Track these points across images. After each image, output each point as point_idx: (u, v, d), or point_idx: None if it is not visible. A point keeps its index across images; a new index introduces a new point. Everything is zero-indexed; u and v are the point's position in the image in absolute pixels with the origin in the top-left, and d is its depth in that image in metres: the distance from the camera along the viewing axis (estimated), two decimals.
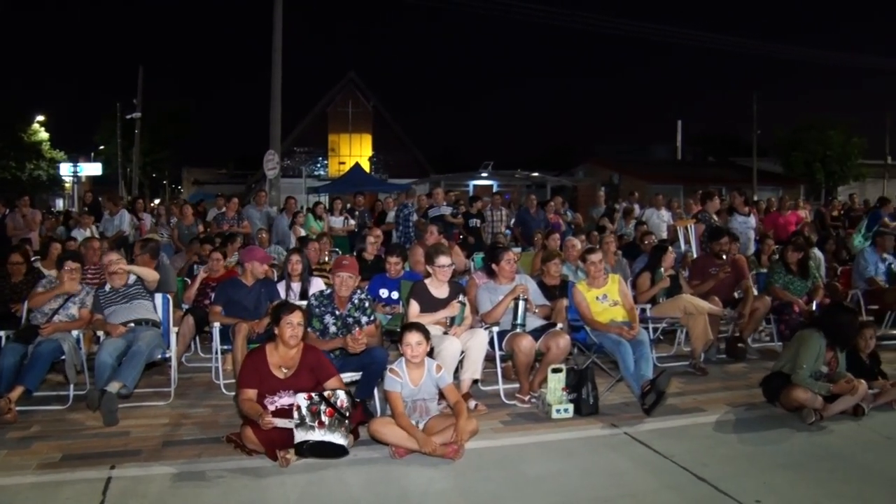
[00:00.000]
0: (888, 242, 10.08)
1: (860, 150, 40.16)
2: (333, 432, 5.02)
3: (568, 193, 25.76)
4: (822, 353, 6.15)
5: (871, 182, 41.85)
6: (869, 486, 4.81)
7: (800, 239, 9.39)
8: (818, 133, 39.46)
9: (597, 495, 4.62)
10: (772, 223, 14.53)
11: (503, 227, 14.57)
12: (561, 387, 6.25)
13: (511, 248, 8.60)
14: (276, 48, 18.62)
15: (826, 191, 39.07)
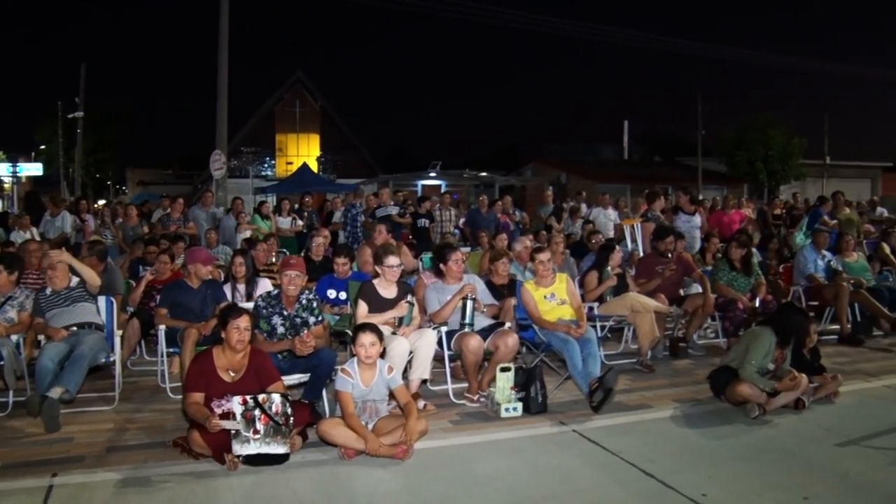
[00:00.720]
0: (825, 239, 10.30)
1: (801, 150, 41.12)
2: (269, 442, 4.96)
3: (516, 193, 25.86)
4: (772, 351, 6.27)
5: (811, 181, 42.84)
6: (810, 477, 4.91)
7: (743, 237, 9.54)
8: (761, 134, 40.29)
9: (546, 493, 4.65)
10: (716, 222, 14.75)
11: (452, 226, 14.58)
12: (509, 385, 6.27)
13: (460, 247, 8.60)
14: (222, 47, 18.42)
15: (768, 190, 39.83)
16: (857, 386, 7.23)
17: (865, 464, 5.20)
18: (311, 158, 38.45)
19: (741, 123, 42.25)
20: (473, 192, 22.90)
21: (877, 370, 7.89)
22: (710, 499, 4.51)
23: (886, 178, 48.84)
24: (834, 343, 9.15)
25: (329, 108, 41.62)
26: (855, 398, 6.82)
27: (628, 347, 8.63)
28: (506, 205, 15.13)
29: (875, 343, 9.31)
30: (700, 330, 8.94)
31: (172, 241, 10.21)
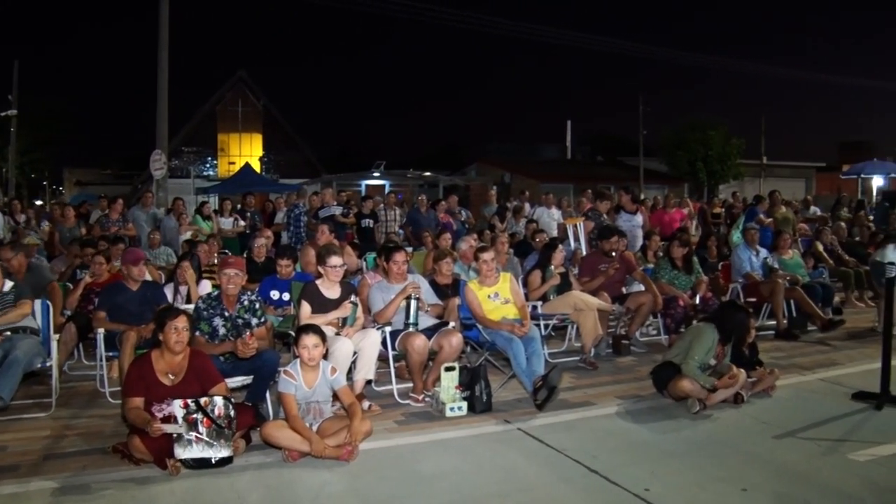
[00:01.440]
0: (754, 236, 10.51)
1: (739, 150, 41.96)
2: (212, 445, 4.90)
3: (460, 193, 25.90)
4: (714, 347, 6.39)
5: (749, 181, 43.77)
6: (748, 469, 5.01)
7: (685, 235, 9.69)
8: (700, 134, 41.00)
9: (491, 491, 4.66)
10: (657, 220, 14.99)
11: (396, 226, 14.57)
12: (454, 385, 6.29)
13: (404, 247, 8.59)
14: (162, 45, 18.12)
15: (708, 189, 40.55)
16: (793, 379, 7.41)
17: (801, 454, 5.34)
18: (253, 158, 38.04)
19: (681, 124, 42.97)
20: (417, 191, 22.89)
21: (811, 364, 8.09)
22: (653, 493, 4.57)
23: (820, 177, 50.14)
24: (771, 338, 9.36)
25: (272, 107, 41.25)
26: (791, 391, 6.98)
27: (572, 345, 8.70)
28: (451, 204, 15.17)
29: (809, 337, 9.54)
30: (642, 327, 9.05)
31: (112, 242, 10.02)
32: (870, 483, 4.80)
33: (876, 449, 5.39)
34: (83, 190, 42.90)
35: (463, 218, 15.25)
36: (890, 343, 6.62)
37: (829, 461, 5.21)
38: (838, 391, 6.97)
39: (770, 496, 4.58)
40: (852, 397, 6.69)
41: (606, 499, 4.56)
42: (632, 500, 4.52)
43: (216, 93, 40.73)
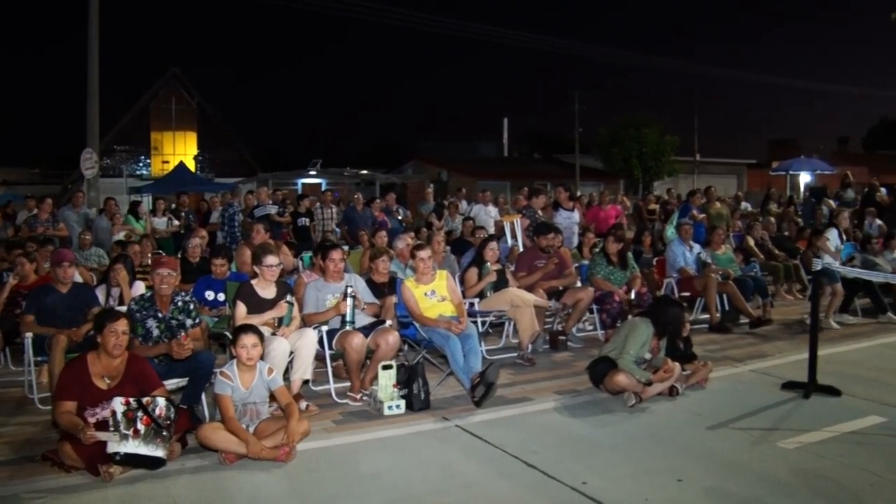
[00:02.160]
0: (687, 231, 10.70)
1: (673, 147, 42.72)
2: (148, 443, 4.79)
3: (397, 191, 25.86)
4: (649, 341, 6.49)
5: (683, 177, 44.53)
6: (683, 460, 5.11)
7: (620, 231, 9.80)
8: (635, 131, 41.59)
9: (431, 488, 4.66)
10: (593, 217, 15.15)
11: (333, 224, 14.51)
12: (392, 383, 6.27)
13: (341, 246, 8.54)
14: (92, 40, 17.72)
15: (643, 185, 41.15)
16: (725, 371, 7.55)
17: (734, 444, 5.45)
18: (187, 157, 37.45)
19: (616, 122, 43.55)
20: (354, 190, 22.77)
21: (743, 356, 8.26)
22: (591, 486, 4.62)
23: (751, 174, 51.29)
24: (704, 331, 9.53)
25: (206, 105, 40.69)
26: (724, 383, 7.12)
27: (509, 342, 8.74)
28: (388, 202, 15.15)
29: (741, 330, 9.75)
30: (579, 323, 9.13)
31: (41, 243, 9.77)
32: (798, 470, 4.93)
33: (804, 436, 5.55)
34: (10, 189, 41.74)
35: (400, 216, 15.23)
36: (817, 334, 6.81)
37: (759, 450, 5.33)
38: (769, 381, 7.14)
39: (703, 486, 4.66)
40: (782, 387, 6.87)
41: (545, 493, 4.59)
42: (570, 493, 4.56)
43: (149, 90, 40.01)
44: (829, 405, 6.38)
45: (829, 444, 5.43)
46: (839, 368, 7.50)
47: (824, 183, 22.82)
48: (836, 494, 4.55)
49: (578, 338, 9.03)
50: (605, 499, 4.45)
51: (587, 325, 9.65)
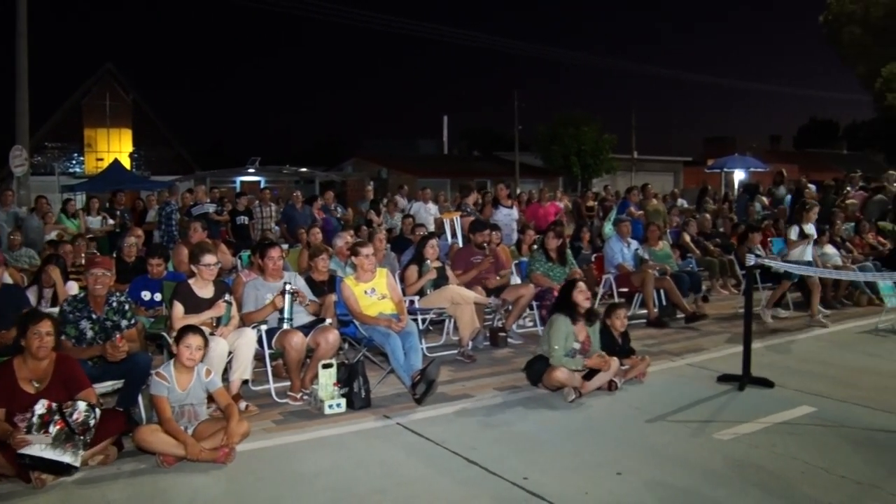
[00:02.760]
0: (626, 229, 10.84)
1: (611, 145, 43.24)
2: (56, 447, 4.60)
3: (337, 188, 25.73)
4: (571, 332, 6.54)
5: (621, 175, 45.12)
6: (622, 453, 5.18)
7: (559, 227, 9.88)
8: (574, 129, 41.97)
9: (372, 487, 4.65)
10: (533, 214, 15.26)
11: (272, 223, 14.39)
12: (332, 382, 6.24)
13: (280, 244, 8.46)
14: (20, 33, 17.23)
15: (582, 182, 41.57)
16: (663, 366, 7.68)
17: (671, 437, 5.55)
18: (123, 154, 36.63)
19: (555, 120, 43.85)
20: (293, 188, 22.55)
21: (680, 350, 8.41)
22: (531, 481, 4.66)
23: (687, 171, 52.18)
24: (642, 326, 9.67)
25: (142, 101, 39.91)
26: (662, 377, 7.24)
27: (450, 339, 8.74)
28: (327, 200, 15.06)
29: (678, 325, 9.93)
30: (519, 319, 9.18)
31: None
32: (733, 460, 5.04)
33: (738, 427, 5.68)
34: None
35: (339, 214, 15.15)
36: (751, 328, 6.96)
37: (696, 442, 5.44)
38: (705, 375, 7.27)
39: (642, 478, 4.73)
40: (718, 380, 7.01)
41: (486, 489, 4.61)
42: (511, 489, 4.59)
43: (82, 86, 39.08)
44: (762, 397, 6.54)
45: (762, 434, 5.56)
46: (772, 361, 7.70)
47: (757, 180, 23.26)
48: (768, 483, 4.66)
49: (518, 334, 9.08)
50: (545, 493, 4.48)
51: (527, 321, 9.70)
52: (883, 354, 8.25)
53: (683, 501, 4.43)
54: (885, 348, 8.56)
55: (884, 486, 4.62)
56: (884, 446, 5.33)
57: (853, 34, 32.96)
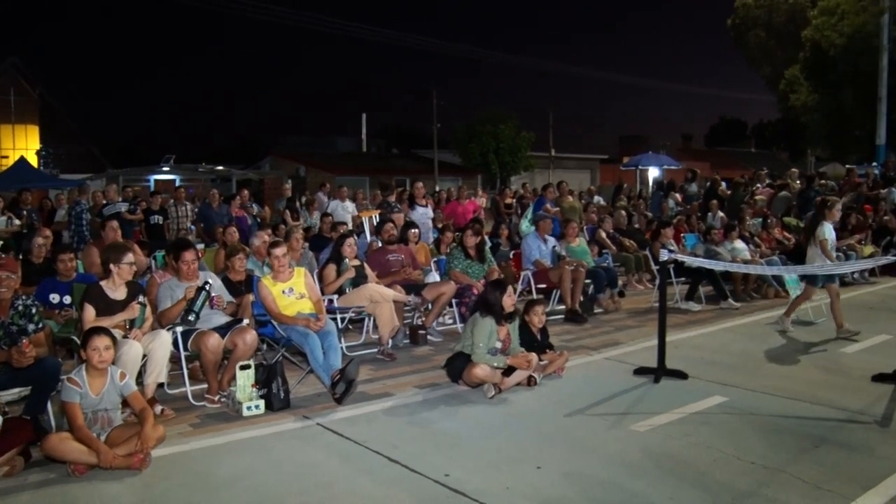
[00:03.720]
0: (546, 226, 10.97)
1: (528, 143, 43.70)
2: None
3: (254, 187, 25.35)
4: (493, 331, 6.58)
5: (539, 172, 45.70)
6: (542, 448, 5.24)
7: (477, 225, 9.94)
8: (492, 127, 42.27)
9: (292, 489, 4.60)
10: (451, 211, 15.32)
11: (188, 222, 14.13)
12: (250, 383, 6.16)
13: (195, 244, 8.31)
14: None
15: (500, 180, 41.89)
16: (581, 360, 7.79)
17: (589, 430, 5.64)
18: (29, 152, 35.45)
19: (474, 118, 44.12)
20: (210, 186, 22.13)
21: (598, 344, 8.55)
22: (453, 478, 4.67)
23: (603, 168, 53.18)
24: (560, 322, 9.79)
25: (50, 97, 38.70)
26: (580, 371, 7.35)
27: (369, 337, 8.71)
28: (244, 199, 14.86)
29: (596, 320, 10.10)
30: (439, 317, 9.21)
31: None
32: (649, 451, 5.15)
33: (654, 419, 5.80)
34: None
35: (256, 212, 14.96)
36: (665, 321, 7.12)
37: (614, 434, 5.53)
38: (622, 368, 7.41)
39: (562, 471, 4.80)
40: (634, 373, 7.16)
41: (407, 487, 4.61)
42: (432, 486, 4.60)
43: None
44: (677, 388, 6.70)
45: (676, 424, 5.70)
46: (686, 353, 7.89)
47: (671, 177, 23.83)
48: (683, 471, 4.78)
49: (438, 332, 9.11)
50: (467, 490, 4.50)
51: (447, 318, 9.73)
52: (788, 344, 8.55)
53: (602, 493, 4.50)
54: (791, 338, 8.86)
55: (788, 469, 4.80)
56: (788, 431, 5.54)
57: (758, 37, 34.16)
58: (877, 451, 5.16)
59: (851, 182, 18.05)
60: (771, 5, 33.09)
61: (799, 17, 31.65)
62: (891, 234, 14.71)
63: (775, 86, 33.69)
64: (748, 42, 34.79)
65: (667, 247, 10.61)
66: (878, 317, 10.02)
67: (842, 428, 5.64)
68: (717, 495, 4.42)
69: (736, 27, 35.44)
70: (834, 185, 18.03)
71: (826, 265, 8.60)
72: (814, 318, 9.75)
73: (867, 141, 28.81)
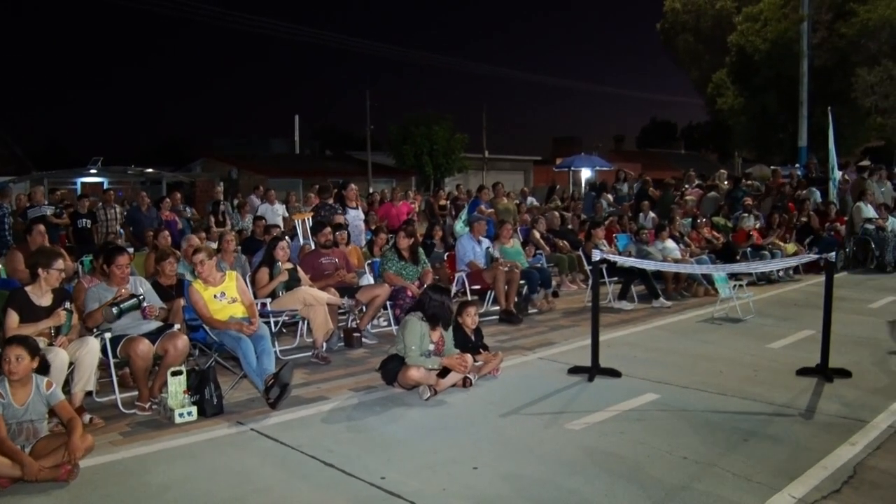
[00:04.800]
0: (480, 227, 11.01)
1: (462, 144, 43.86)
2: None
3: (186, 189, 24.97)
4: (426, 334, 6.59)
5: (473, 174, 45.89)
6: (478, 448, 5.26)
7: (410, 227, 9.93)
8: (426, 129, 42.28)
9: (226, 496, 4.54)
10: (385, 213, 15.28)
11: (117, 226, 13.84)
12: (182, 389, 6.05)
13: (126, 248, 8.13)
14: None
15: (434, 182, 41.94)
16: (516, 360, 7.85)
17: (525, 429, 5.70)
18: None
19: (407, 119, 44.09)
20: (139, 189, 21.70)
21: (532, 344, 8.62)
22: (389, 480, 4.67)
23: (537, 170, 53.67)
24: (495, 323, 9.84)
25: None
26: (515, 371, 7.40)
27: (303, 341, 8.66)
28: (174, 202, 14.61)
29: (530, 320, 10.18)
30: (373, 319, 9.17)
31: None
32: (584, 448, 5.21)
33: (589, 417, 5.88)
34: None
35: (188, 216, 14.73)
36: (598, 320, 7.20)
37: (549, 433, 5.59)
38: (556, 368, 7.48)
39: (498, 471, 4.82)
40: (568, 372, 7.23)
41: (343, 491, 4.58)
42: (368, 489, 4.58)
43: None
44: (610, 386, 6.79)
45: (611, 422, 5.78)
46: (619, 352, 8.00)
47: (603, 178, 24.15)
48: (617, 468, 4.84)
49: (373, 334, 9.08)
50: (403, 492, 4.49)
51: (381, 320, 9.71)
52: (718, 341, 8.73)
53: (538, 491, 4.53)
54: (720, 335, 9.07)
55: (719, 463, 4.92)
56: (719, 426, 5.66)
57: (687, 42, 34.82)
58: (801, 442, 5.33)
59: (776, 183, 18.54)
60: (698, 11, 33.78)
61: (725, 23, 32.37)
62: (813, 232, 15.16)
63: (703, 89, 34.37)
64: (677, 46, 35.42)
65: (599, 247, 10.74)
66: (802, 313, 10.29)
67: (769, 421, 5.80)
68: (650, 490, 4.50)
69: (665, 31, 36.05)
70: (760, 186, 18.48)
71: (752, 264, 8.82)
72: (742, 315, 9.97)
73: (790, 143, 29.64)
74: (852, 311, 10.30)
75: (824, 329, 6.99)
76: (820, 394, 6.53)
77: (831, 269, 7.25)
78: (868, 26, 27.69)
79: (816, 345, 7.15)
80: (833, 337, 7.03)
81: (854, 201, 16.47)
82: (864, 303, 11.18)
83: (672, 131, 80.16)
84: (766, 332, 9.05)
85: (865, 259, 15.45)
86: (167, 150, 57.77)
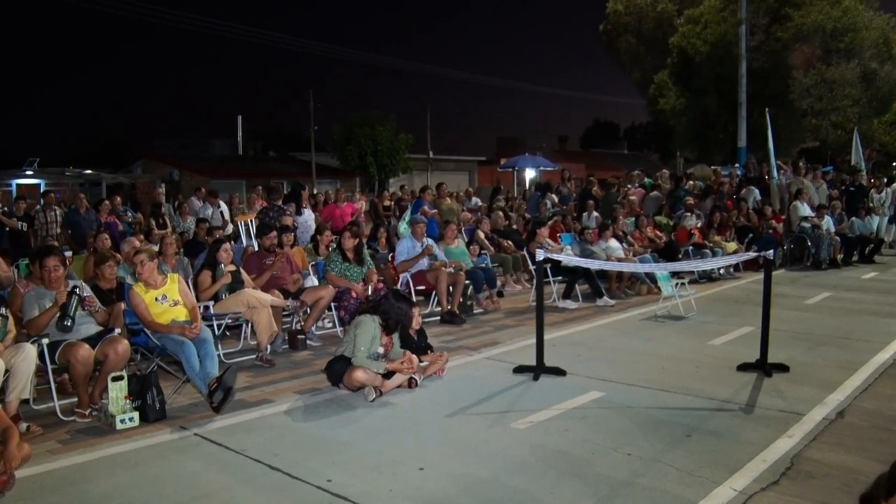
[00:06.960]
0: (421, 230, 11.01)
1: (407, 145, 43.81)
2: None
3: (126, 191, 24.53)
4: (378, 336, 6.58)
5: (417, 174, 45.91)
6: (424, 449, 5.28)
7: (354, 228, 9.90)
8: (370, 129, 42.15)
9: (169, 502, 4.47)
10: (329, 214, 15.22)
11: (57, 228, 13.55)
12: (123, 395, 5.95)
13: (61, 250, 7.96)
14: None
15: (379, 182, 41.84)
16: (461, 360, 7.88)
17: (471, 429, 5.72)
18: None
19: (351, 120, 43.93)
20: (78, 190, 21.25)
21: (477, 344, 8.66)
22: (335, 483, 4.65)
23: (481, 170, 53.89)
24: (438, 323, 9.86)
25: None
26: (460, 372, 7.43)
27: (247, 344, 8.58)
28: (115, 204, 14.36)
29: (475, 320, 10.22)
30: (318, 321, 9.11)
31: None
32: (530, 446, 5.26)
33: (534, 416, 5.92)
34: None
35: (129, 218, 14.47)
36: (542, 320, 7.25)
37: (495, 432, 5.61)
38: (501, 367, 7.52)
39: (445, 471, 4.84)
40: (513, 371, 7.27)
41: (289, 495, 4.55)
42: (314, 492, 4.56)
43: None
44: (555, 385, 6.85)
45: (556, 420, 5.84)
46: (563, 350, 8.08)
47: (547, 178, 24.33)
48: (563, 465, 4.90)
49: (318, 336, 9.03)
50: (349, 494, 4.48)
51: (326, 322, 9.66)
52: (661, 339, 8.87)
53: (484, 490, 4.55)
54: (663, 333, 9.21)
55: (663, 458, 5.01)
56: (662, 422, 5.76)
57: (629, 43, 35.20)
58: (742, 436, 5.45)
59: (717, 182, 18.88)
60: (640, 13, 34.17)
61: (666, 25, 32.81)
62: (753, 230, 15.49)
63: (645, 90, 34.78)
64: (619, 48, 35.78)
65: (543, 246, 10.82)
66: (742, 310, 10.50)
67: (711, 416, 5.92)
68: (595, 486, 4.55)
69: (607, 33, 36.38)
70: (701, 185, 18.80)
71: (693, 262, 8.97)
72: (684, 312, 10.13)
73: (730, 143, 30.21)
74: (790, 308, 10.55)
75: (763, 325, 7.15)
76: (759, 388, 6.69)
77: (770, 266, 7.41)
78: (802, 30, 28.37)
79: (756, 340, 7.30)
80: (772, 333, 7.20)
81: (790, 201, 16.86)
82: (800, 299, 11.47)
83: (615, 132, 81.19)
84: (707, 329, 9.22)
85: (802, 256, 15.87)
86: (106, 152, 56.65)
